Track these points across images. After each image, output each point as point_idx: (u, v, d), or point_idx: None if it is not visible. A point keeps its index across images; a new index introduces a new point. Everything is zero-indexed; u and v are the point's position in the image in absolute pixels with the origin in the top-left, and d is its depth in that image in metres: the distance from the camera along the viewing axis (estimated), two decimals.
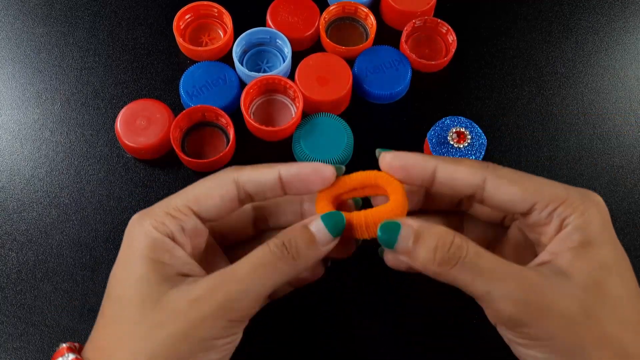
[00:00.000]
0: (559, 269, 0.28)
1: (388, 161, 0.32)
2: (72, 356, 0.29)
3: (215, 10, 0.48)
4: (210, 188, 0.31)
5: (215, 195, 0.31)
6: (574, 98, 0.48)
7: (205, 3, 0.48)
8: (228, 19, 0.47)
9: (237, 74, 0.46)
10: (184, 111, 0.43)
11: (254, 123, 0.43)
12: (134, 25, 0.50)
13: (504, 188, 0.30)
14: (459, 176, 0.31)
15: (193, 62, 0.47)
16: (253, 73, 0.45)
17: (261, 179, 0.31)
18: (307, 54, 0.46)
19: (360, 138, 0.45)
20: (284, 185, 0.31)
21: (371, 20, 0.47)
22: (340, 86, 0.45)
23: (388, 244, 0.30)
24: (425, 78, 0.48)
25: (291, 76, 0.46)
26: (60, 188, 0.44)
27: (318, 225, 0.30)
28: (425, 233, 0.29)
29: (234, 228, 0.35)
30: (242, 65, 0.47)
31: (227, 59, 0.47)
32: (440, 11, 0.50)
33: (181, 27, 0.47)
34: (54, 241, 0.42)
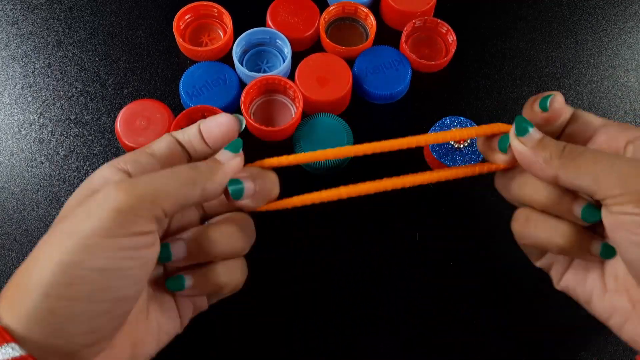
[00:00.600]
0: None
1: (514, 150, 0.33)
2: None
3: (215, 10, 0.48)
4: (151, 144, 0.33)
5: (161, 142, 0.33)
6: (574, 98, 0.48)
7: (205, 3, 0.48)
8: (228, 19, 0.47)
9: (237, 74, 0.46)
10: (184, 111, 0.43)
11: (254, 123, 0.43)
12: (134, 25, 0.50)
13: (579, 181, 0.30)
14: (534, 174, 0.32)
15: (193, 62, 0.47)
16: (253, 73, 0.45)
17: (186, 131, 0.34)
18: (307, 54, 0.46)
19: (360, 138, 0.45)
20: (204, 137, 0.34)
21: (371, 20, 0.47)
22: (340, 86, 0.45)
23: (525, 128, 0.32)
24: (425, 78, 0.48)
25: (291, 76, 0.46)
26: (61, 188, 0.44)
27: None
28: (546, 138, 0.32)
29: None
30: (242, 65, 0.47)
31: (227, 59, 0.47)
32: (440, 11, 0.50)
33: (181, 27, 0.47)
34: None
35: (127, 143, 0.43)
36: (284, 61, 0.47)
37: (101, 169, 0.31)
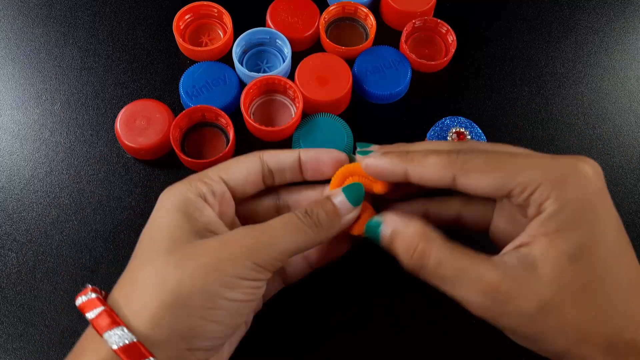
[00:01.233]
0: (530, 257, 0.29)
1: (363, 167, 0.34)
2: (94, 295, 0.31)
3: (215, 10, 0.48)
4: (238, 161, 0.35)
5: (243, 166, 0.35)
6: (574, 98, 0.48)
7: (205, 3, 0.48)
8: (228, 19, 0.47)
9: (237, 74, 0.46)
10: (184, 111, 0.43)
11: (253, 123, 0.43)
12: (134, 25, 0.50)
13: (475, 180, 0.31)
14: (427, 177, 0.32)
15: (193, 62, 0.47)
16: (253, 73, 0.45)
17: (282, 157, 0.36)
18: (307, 54, 0.46)
19: (360, 138, 0.45)
20: (302, 166, 0.36)
21: (371, 20, 0.47)
22: (340, 86, 0.45)
23: (374, 241, 0.34)
24: (425, 78, 0.48)
25: (291, 76, 0.46)
26: (60, 188, 0.44)
27: (339, 196, 0.34)
28: (397, 236, 0.32)
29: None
30: (242, 65, 0.47)
31: (227, 59, 0.47)
32: (440, 11, 0.50)
33: (181, 27, 0.47)
34: (53, 241, 0.42)
35: (127, 143, 0.43)
36: (283, 61, 0.47)
37: (184, 192, 0.33)
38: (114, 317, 0.29)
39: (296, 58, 0.46)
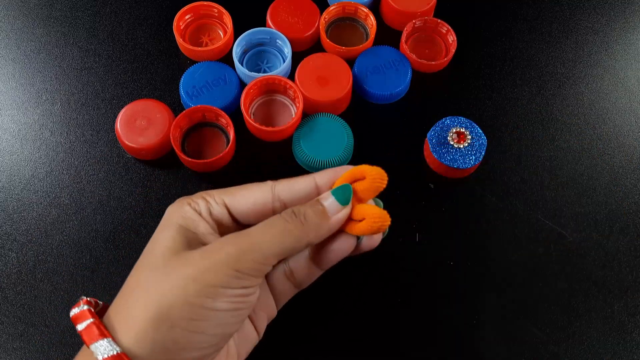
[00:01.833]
0: None
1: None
2: (86, 307, 0.31)
3: (215, 10, 0.48)
4: (248, 189, 0.35)
5: (250, 196, 0.34)
6: (574, 98, 0.48)
7: (205, 3, 0.48)
8: (228, 19, 0.47)
9: (237, 74, 0.46)
10: (184, 111, 0.43)
11: (254, 123, 0.43)
12: (134, 25, 0.50)
13: None
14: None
15: (193, 62, 0.47)
16: (253, 73, 0.45)
17: (296, 187, 0.34)
18: (307, 54, 0.46)
19: (360, 138, 0.45)
20: (319, 191, 0.34)
21: (371, 20, 0.47)
22: (340, 86, 0.45)
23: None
24: (425, 78, 0.48)
25: (291, 76, 0.46)
26: (60, 188, 0.44)
27: (327, 196, 0.33)
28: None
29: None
30: (242, 65, 0.47)
31: (227, 59, 0.47)
32: (440, 11, 0.50)
33: (181, 27, 0.47)
34: (54, 241, 0.42)
35: (127, 143, 0.43)
36: (284, 61, 0.47)
37: (183, 205, 0.33)
38: (102, 330, 0.29)
39: (296, 58, 0.46)
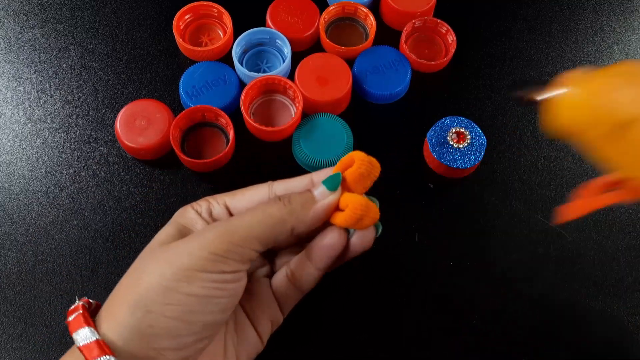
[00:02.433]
0: None
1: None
2: (80, 303, 0.31)
3: (215, 10, 0.48)
4: (247, 189, 0.35)
5: (247, 195, 0.35)
6: None
7: (205, 3, 0.48)
8: (228, 19, 0.47)
9: (237, 74, 0.46)
10: (184, 111, 0.43)
11: (253, 123, 0.43)
12: (134, 25, 0.50)
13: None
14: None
15: (193, 62, 0.47)
16: (253, 73, 0.45)
17: (293, 184, 0.35)
18: (307, 54, 0.46)
19: (360, 138, 0.45)
20: (315, 186, 0.34)
21: (371, 20, 0.47)
22: (340, 86, 0.45)
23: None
24: (425, 78, 0.48)
25: (291, 76, 0.46)
26: (60, 188, 0.44)
27: (317, 185, 0.34)
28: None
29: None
30: (242, 65, 0.47)
31: (227, 59, 0.47)
32: (440, 11, 0.50)
33: (181, 27, 0.47)
34: (53, 241, 0.42)
35: (127, 143, 0.43)
36: (283, 61, 0.47)
37: (186, 207, 0.35)
38: (86, 318, 0.30)
39: (296, 58, 0.46)
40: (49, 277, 0.41)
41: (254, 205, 0.34)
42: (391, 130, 0.46)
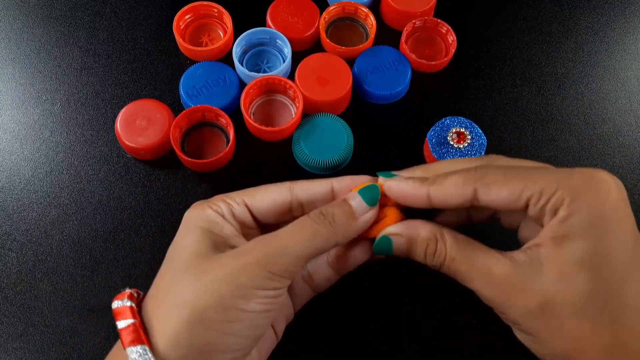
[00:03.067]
0: (537, 256, 0.30)
1: (386, 189, 0.35)
2: (129, 303, 0.31)
3: (215, 10, 0.48)
4: (267, 189, 0.35)
5: (269, 196, 0.35)
6: (574, 98, 0.48)
7: (205, 3, 0.48)
8: (228, 19, 0.47)
9: (237, 74, 0.46)
10: (184, 111, 0.43)
11: (254, 123, 0.43)
12: (134, 25, 0.50)
13: (495, 193, 0.31)
14: (449, 197, 0.33)
15: (193, 62, 0.47)
16: (253, 73, 0.45)
17: (314, 189, 0.35)
18: (307, 54, 0.46)
19: (360, 138, 0.45)
20: (335, 195, 0.35)
21: (371, 20, 0.47)
22: (340, 86, 0.45)
23: (386, 253, 0.35)
24: (425, 78, 0.48)
25: (291, 76, 0.46)
26: (60, 188, 0.44)
27: (354, 196, 0.34)
28: (413, 243, 0.34)
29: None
30: (242, 65, 0.47)
31: (227, 59, 0.47)
32: (440, 11, 0.50)
33: (181, 27, 0.47)
34: (53, 241, 0.42)
35: (127, 143, 0.43)
36: (284, 61, 0.47)
37: (205, 209, 0.34)
38: (139, 333, 0.29)
39: (296, 58, 0.46)
40: (49, 277, 0.41)
41: (276, 208, 0.35)
42: (391, 130, 0.46)
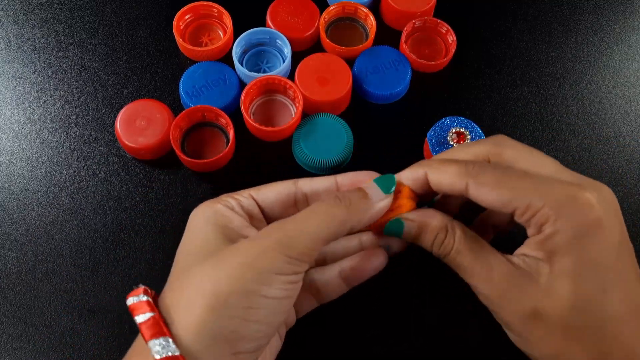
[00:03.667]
0: (536, 266, 0.31)
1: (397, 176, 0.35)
2: (145, 298, 0.30)
3: (215, 10, 0.48)
4: (272, 184, 0.36)
5: (274, 188, 0.36)
6: (574, 98, 0.48)
7: (205, 3, 0.48)
8: (228, 19, 0.47)
9: (237, 74, 0.46)
10: (184, 111, 0.43)
11: (253, 123, 0.43)
12: (134, 25, 0.50)
13: (485, 194, 0.32)
14: (444, 182, 0.33)
15: (193, 62, 0.47)
16: (253, 73, 0.45)
17: (317, 183, 0.36)
18: (307, 54, 0.46)
19: (360, 138, 0.45)
20: (340, 190, 0.36)
21: (371, 20, 0.47)
22: (340, 86, 0.45)
23: (396, 234, 0.35)
24: (425, 78, 0.48)
25: (291, 76, 0.46)
26: (60, 188, 0.44)
27: (370, 183, 0.34)
28: (424, 230, 0.34)
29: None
30: (242, 65, 0.47)
31: (227, 59, 0.47)
32: (440, 11, 0.50)
33: (181, 27, 0.47)
34: (53, 241, 0.42)
35: (127, 143, 0.43)
36: (284, 61, 0.47)
37: (212, 205, 0.34)
38: (160, 326, 0.29)
39: (296, 58, 0.46)
40: (49, 277, 0.41)
41: (282, 199, 0.35)
42: (391, 130, 0.46)
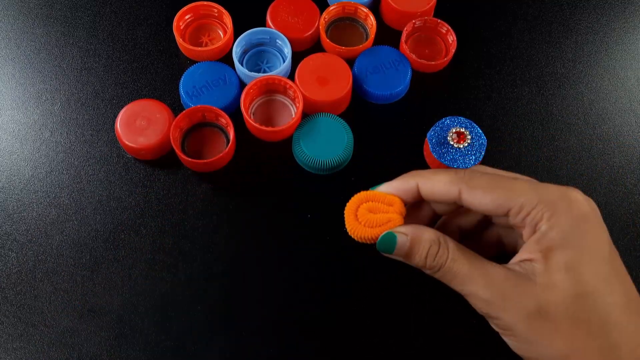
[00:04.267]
0: (532, 269, 0.32)
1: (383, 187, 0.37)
2: None
3: (215, 10, 0.48)
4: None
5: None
6: (574, 98, 0.48)
7: (205, 3, 0.48)
8: (228, 19, 0.47)
9: (237, 74, 0.46)
10: (184, 111, 0.43)
11: (254, 123, 0.43)
12: (134, 25, 0.50)
13: (478, 198, 0.34)
14: (437, 191, 0.35)
15: (193, 62, 0.47)
16: (253, 73, 0.45)
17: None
18: (307, 54, 0.46)
19: (360, 138, 0.45)
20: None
21: (371, 20, 0.47)
22: (340, 86, 0.45)
23: (388, 249, 0.36)
24: (425, 78, 0.48)
25: (291, 76, 0.46)
26: (60, 188, 0.44)
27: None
28: (416, 243, 0.35)
29: None
30: (242, 65, 0.47)
31: (227, 59, 0.47)
32: (440, 11, 0.50)
33: (181, 27, 0.47)
34: (54, 241, 0.42)
35: (127, 143, 0.43)
36: (284, 61, 0.47)
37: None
38: None
39: (296, 58, 0.46)
40: (49, 277, 0.41)
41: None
42: (391, 130, 0.46)
